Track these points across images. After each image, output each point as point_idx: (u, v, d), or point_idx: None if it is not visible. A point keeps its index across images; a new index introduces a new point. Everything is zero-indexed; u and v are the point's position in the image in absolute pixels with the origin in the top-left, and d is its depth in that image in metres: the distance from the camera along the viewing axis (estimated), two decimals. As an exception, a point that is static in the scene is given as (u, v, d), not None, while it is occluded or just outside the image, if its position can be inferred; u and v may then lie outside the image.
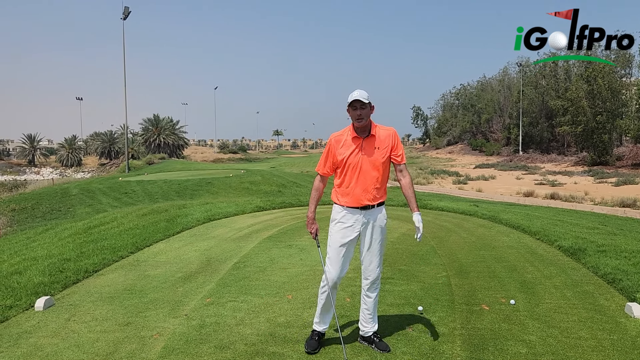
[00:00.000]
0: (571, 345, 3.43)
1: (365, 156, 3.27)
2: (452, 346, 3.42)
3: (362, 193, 3.27)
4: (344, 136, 3.33)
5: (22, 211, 19.08)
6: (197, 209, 10.66)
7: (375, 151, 3.27)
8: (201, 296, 4.57)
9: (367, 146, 3.27)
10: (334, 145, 3.35)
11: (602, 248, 6.12)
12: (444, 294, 4.58)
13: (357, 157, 3.27)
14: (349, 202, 3.30)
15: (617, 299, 4.37)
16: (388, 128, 3.37)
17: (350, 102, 3.19)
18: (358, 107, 3.18)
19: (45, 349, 3.48)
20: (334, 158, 3.35)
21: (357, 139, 3.28)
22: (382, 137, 3.31)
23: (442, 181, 33.93)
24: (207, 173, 31.70)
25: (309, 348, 3.35)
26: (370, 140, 3.28)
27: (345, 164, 3.30)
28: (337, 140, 3.34)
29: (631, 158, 43.43)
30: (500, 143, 69.80)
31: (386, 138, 3.31)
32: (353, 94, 3.20)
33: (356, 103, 3.17)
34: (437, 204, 11.51)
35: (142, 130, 73.27)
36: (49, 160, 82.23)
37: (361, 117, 3.19)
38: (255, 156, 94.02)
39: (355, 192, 3.28)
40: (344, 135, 3.33)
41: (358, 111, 3.18)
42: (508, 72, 76.39)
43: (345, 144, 3.31)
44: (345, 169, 3.31)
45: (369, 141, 3.28)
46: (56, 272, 5.45)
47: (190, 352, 3.37)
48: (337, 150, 3.32)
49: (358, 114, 3.19)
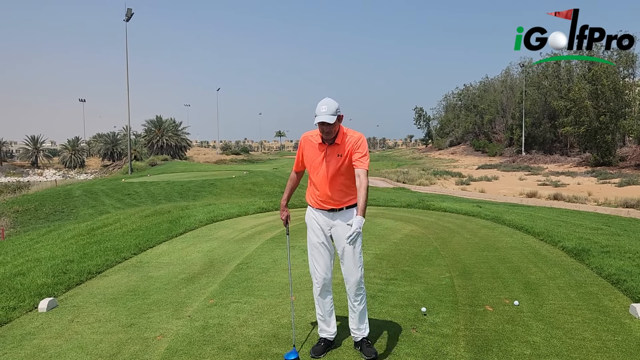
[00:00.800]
0: (575, 346, 3.41)
1: (327, 163, 3.28)
2: (455, 347, 3.41)
3: (326, 197, 3.31)
4: (313, 139, 3.35)
5: (26, 213, 19.14)
6: (200, 210, 10.67)
7: (338, 158, 3.26)
8: (204, 297, 4.57)
9: (331, 153, 3.27)
10: (303, 145, 3.41)
11: (606, 249, 6.09)
12: (448, 295, 4.56)
13: (321, 164, 3.30)
14: (316, 205, 3.38)
15: (621, 300, 4.34)
16: (356, 134, 3.30)
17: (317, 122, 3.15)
18: (325, 125, 3.14)
19: (49, 351, 3.49)
20: (302, 158, 3.43)
21: (323, 145, 3.29)
22: (347, 143, 3.26)
23: (445, 182, 33.90)
24: (210, 174, 31.76)
25: (313, 353, 3.31)
26: (334, 148, 3.27)
27: (310, 169, 3.38)
28: (307, 140, 3.39)
29: (634, 158, 43.29)
30: (503, 144, 69.74)
31: (349, 144, 3.25)
32: (321, 109, 3.11)
33: (324, 122, 3.11)
34: (440, 205, 11.49)
35: (145, 132, 73.51)
36: (52, 162, 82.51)
37: (328, 133, 3.18)
38: (257, 157, 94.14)
39: (320, 196, 3.34)
40: (313, 137, 3.35)
41: (325, 128, 3.15)
42: (510, 73, 76.45)
43: (312, 148, 3.35)
44: (311, 173, 3.39)
45: (333, 149, 3.27)
46: (59, 273, 5.46)
47: (194, 353, 3.37)
48: (305, 152, 3.39)
49: (326, 130, 3.17)
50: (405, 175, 37.91)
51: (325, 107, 3.11)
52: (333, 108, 3.12)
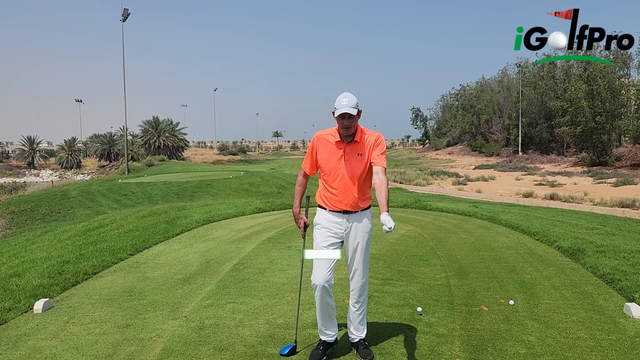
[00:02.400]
0: (570, 345, 3.43)
1: (347, 162, 3.17)
2: (451, 347, 3.42)
3: (343, 198, 3.19)
4: (328, 138, 3.23)
5: (22, 213, 19.06)
6: (197, 210, 10.66)
7: (358, 158, 3.17)
8: (200, 298, 4.57)
9: (350, 152, 3.17)
10: (317, 145, 3.26)
11: (601, 248, 6.12)
12: (443, 294, 4.58)
13: (339, 163, 3.18)
14: (331, 206, 3.23)
15: (615, 299, 4.37)
16: (375, 133, 3.24)
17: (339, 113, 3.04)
18: (346, 118, 3.05)
19: (44, 352, 3.48)
20: (316, 158, 3.28)
21: (341, 143, 3.18)
22: (366, 143, 3.19)
23: (442, 182, 33.95)
24: (207, 175, 31.70)
25: (311, 358, 3.23)
26: (353, 147, 3.17)
27: (326, 169, 3.22)
28: (321, 140, 3.25)
29: (630, 158, 43.47)
30: (500, 144, 69.89)
31: (369, 144, 3.18)
32: (341, 102, 3.03)
33: (345, 114, 3.04)
34: (437, 205, 11.52)
35: (142, 132, 73.35)
36: (48, 163, 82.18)
37: (349, 127, 3.08)
38: (255, 158, 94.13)
39: (337, 197, 3.20)
40: (329, 136, 3.23)
41: (346, 121, 3.05)
42: (507, 73, 76.62)
43: (329, 147, 3.21)
44: (326, 173, 3.23)
45: (352, 147, 3.17)
46: (55, 274, 5.45)
47: (190, 354, 3.37)
48: (320, 152, 3.24)
49: (346, 124, 3.06)
50: (402, 176, 37.93)
51: (346, 100, 3.03)
52: (354, 101, 3.05)
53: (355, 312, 3.34)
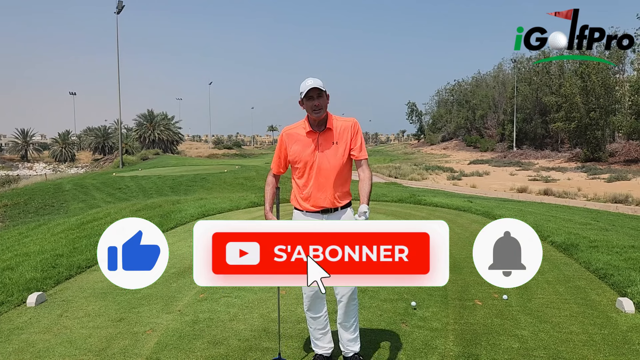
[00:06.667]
0: (563, 339, 3.45)
1: (322, 153, 2.89)
2: (445, 341, 3.44)
3: (320, 195, 2.92)
4: (297, 130, 2.97)
5: (15, 207, 18.94)
6: (191, 204, 10.63)
7: (333, 146, 2.90)
8: (195, 292, 4.57)
9: (324, 141, 2.91)
10: (285, 141, 3.00)
11: (594, 244, 6.16)
12: (437, 289, 4.59)
13: (313, 155, 2.90)
14: (307, 207, 2.96)
15: (608, 294, 4.40)
16: (348, 119, 2.99)
17: (306, 92, 2.80)
18: (315, 97, 2.80)
19: (37, 345, 3.47)
20: (287, 155, 3.02)
21: (312, 133, 2.91)
22: (340, 129, 2.93)
23: (437, 177, 34.03)
24: (202, 169, 31.60)
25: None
26: (327, 135, 2.91)
27: (299, 164, 2.95)
28: (290, 135, 2.99)
29: (624, 154, 43.68)
30: (495, 139, 70.06)
31: (344, 130, 2.93)
32: (307, 82, 2.81)
33: (312, 92, 2.79)
34: (431, 200, 11.54)
35: (137, 126, 72.88)
36: (42, 156, 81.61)
37: (319, 108, 2.82)
38: (250, 152, 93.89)
39: (313, 194, 2.93)
40: (298, 129, 2.97)
41: (315, 101, 2.80)
42: (503, 69, 76.61)
43: (299, 139, 2.95)
44: (300, 169, 2.96)
45: (325, 136, 2.91)
46: (49, 267, 5.42)
47: (184, 347, 3.37)
48: (290, 147, 2.97)
49: (315, 104, 2.80)
50: (397, 170, 37.96)
51: (311, 80, 2.82)
52: (319, 82, 2.83)
53: (347, 322, 3.03)
